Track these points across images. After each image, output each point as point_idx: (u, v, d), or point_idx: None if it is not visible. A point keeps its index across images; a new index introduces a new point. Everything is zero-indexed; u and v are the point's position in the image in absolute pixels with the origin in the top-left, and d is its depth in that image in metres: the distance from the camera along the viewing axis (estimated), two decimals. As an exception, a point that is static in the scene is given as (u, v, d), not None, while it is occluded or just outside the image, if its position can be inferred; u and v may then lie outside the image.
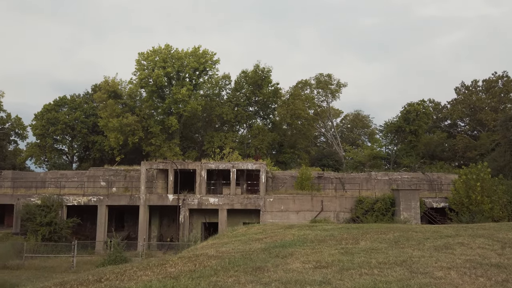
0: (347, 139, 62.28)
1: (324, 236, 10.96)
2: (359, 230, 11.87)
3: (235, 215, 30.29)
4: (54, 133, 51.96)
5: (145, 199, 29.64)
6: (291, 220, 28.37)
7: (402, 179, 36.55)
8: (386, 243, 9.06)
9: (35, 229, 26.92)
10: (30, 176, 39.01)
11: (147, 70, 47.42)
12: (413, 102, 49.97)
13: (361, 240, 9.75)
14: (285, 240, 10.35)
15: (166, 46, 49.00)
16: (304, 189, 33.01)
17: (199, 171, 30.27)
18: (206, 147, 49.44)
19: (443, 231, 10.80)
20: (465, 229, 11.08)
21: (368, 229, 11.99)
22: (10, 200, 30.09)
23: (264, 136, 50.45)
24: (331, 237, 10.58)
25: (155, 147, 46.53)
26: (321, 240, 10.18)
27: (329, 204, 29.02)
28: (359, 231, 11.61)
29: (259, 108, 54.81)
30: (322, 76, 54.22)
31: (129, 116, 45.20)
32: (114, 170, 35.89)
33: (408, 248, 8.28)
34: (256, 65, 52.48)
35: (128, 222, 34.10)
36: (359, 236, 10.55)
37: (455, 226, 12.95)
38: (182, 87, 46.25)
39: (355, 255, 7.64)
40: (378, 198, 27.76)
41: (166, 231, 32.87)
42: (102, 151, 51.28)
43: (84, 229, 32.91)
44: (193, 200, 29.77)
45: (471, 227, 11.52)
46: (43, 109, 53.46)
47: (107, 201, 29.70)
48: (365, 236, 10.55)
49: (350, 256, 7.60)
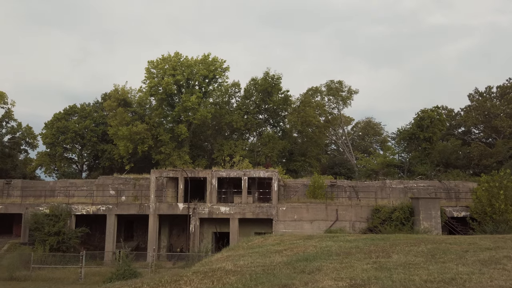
0: (359, 146, 61.18)
1: (348, 248, 10.13)
2: (386, 242, 11.01)
3: (247, 225, 29.44)
4: (64, 142, 51.80)
5: (154, 208, 28.97)
6: (305, 230, 27.41)
7: (418, 187, 35.45)
8: (421, 257, 8.20)
9: (43, 239, 26.34)
10: (40, 185, 38.67)
11: (156, 78, 47.15)
12: (427, 109, 48.86)
13: (392, 253, 8.90)
14: (308, 252, 9.54)
15: (175, 54, 48.77)
16: (317, 197, 32.09)
17: (210, 179, 29.56)
18: (216, 155, 48.80)
19: (479, 242, 9.89)
20: (504, 240, 10.16)
21: (396, 241, 11.12)
22: (19, 209, 29.65)
23: (274, 144, 49.68)
24: (358, 249, 9.74)
25: (165, 156, 46.02)
26: (347, 252, 9.36)
27: (344, 213, 28.03)
28: (386, 243, 10.76)
29: (269, 116, 54.16)
30: (333, 83, 53.47)
31: (138, 124, 44.86)
32: (123, 178, 35.38)
33: (450, 263, 7.42)
34: (265, 72, 52.02)
35: (137, 231, 33.42)
36: (388, 248, 9.70)
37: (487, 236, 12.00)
38: (191, 94, 45.83)
39: (392, 271, 6.80)
40: (396, 207, 26.71)
41: (176, 241, 32.11)
42: (111, 159, 50.93)
43: (93, 239, 32.31)
44: (203, 209, 29.03)
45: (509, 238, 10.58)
46: (53, 118, 53.45)
47: (116, 210, 29.08)
48: (394, 248, 9.70)
49: (387, 272, 6.77)
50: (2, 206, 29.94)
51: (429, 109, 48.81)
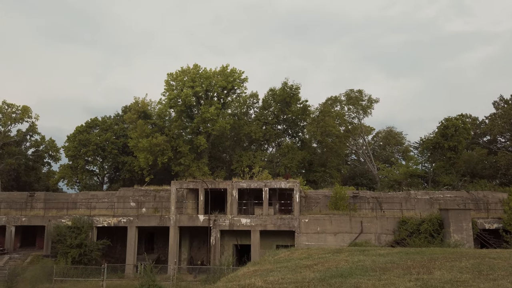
0: (380, 156, 59.90)
1: (383, 263, 9.52)
2: (422, 256, 10.35)
3: (268, 237, 28.85)
4: (85, 154, 52.52)
5: (175, 220, 28.74)
6: (329, 242, 26.64)
7: (444, 198, 34.23)
8: (467, 273, 7.56)
9: (65, 251, 26.38)
10: (62, 197, 39.09)
11: (176, 90, 47.46)
12: (451, 117, 47.50)
13: (433, 269, 8.27)
14: (340, 267, 8.99)
15: (194, 66, 49.12)
16: (339, 209, 31.31)
17: (230, 190, 29.20)
18: (235, 166, 48.53)
19: (528, 257, 9.14)
20: (554, 255, 9.37)
21: (433, 255, 10.44)
22: (42, 221, 29.90)
23: (294, 155, 49.12)
24: (394, 264, 9.13)
25: (184, 167, 46.01)
26: (383, 268, 8.77)
27: (369, 226, 27.14)
28: (423, 257, 10.10)
29: (288, 126, 53.74)
30: (352, 92, 52.74)
31: (158, 136, 45.08)
32: (143, 190, 35.40)
33: (502, 280, 6.78)
34: (284, 82, 51.82)
35: (157, 244, 33.20)
36: (427, 263, 9.06)
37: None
38: (210, 106, 45.91)
39: (440, 290, 6.23)
40: (424, 219, 25.67)
41: (196, 254, 31.72)
42: (132, 171, 51.29)
43: (114, 251, 32.25)
44: (224, 221, 28.62)
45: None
46: (75, 131, 54.39)
47: (137, 222, 28.98)
48: (434, 263, 9.05)
49: (434, 291, 6.20)
50: (25, 218, 30.26)
51: (453, 117, 47.44)
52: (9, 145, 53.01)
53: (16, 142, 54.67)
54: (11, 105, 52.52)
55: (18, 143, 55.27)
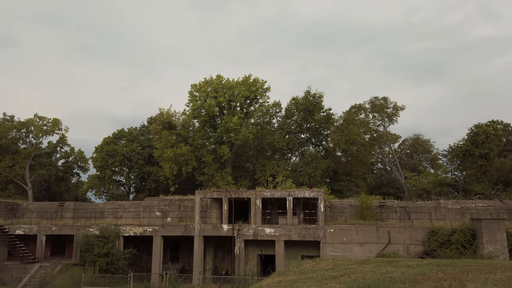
0: (407, 165, 58.39)
1: (413, 274, 9.17)
2: (454, 268, 9.91)
3: (293, 247, 28.49)
4: (112, 165, 53.81)
5: (199, 230, 28.85)
6: (355, 253, 26.02)
7: (476, 207, 32.93)
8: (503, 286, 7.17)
9: (93, 260, 26.90)
10: (90, 207, 40.04)
11: (199, 101, 48.07)
12: (482, 124, 45.90)
13: (466, 282, 7.90)
14: (368, 279, 8.72)
15: (217, 76, 49.70)
16: (365, 219, 30.64)
17: (254, 199, 29.10)
18: (258, 175, 48.46)
19: None
20: None
21: (465, 267, 9.99)
22: (71, 230, 30.66)
23: (318, 164, 48.62)
24: (424, 276, 8.78)
25: (208, 177, 46.33)
26: (413, 280, 8.44)
27: (397, 236, 26.35)
28: (454, 269, 9.67)
29: (311, 135, 53.35)
30: (377, 99, 51.90)
31: (182, 146, 45.68)
32: (168, 200, 35.80)
33: (544, 295, 6.37)
34: (307, 91, 51.61)
35: (182, 253, 33.39)
36: (459, 276, 8.66)
37: None
38: (233, 116, 46.21)
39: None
40: (455, 229, 24.69)
41: (221, 263, 31.67)
42: (157, 181, 52.11)
43: (140, 260, 32.64)
44: (248, 231, 28.50)
45: None
46: (103, 142, 55.90)
47: (162, 231, 29.27)
48: (466, 276, 8.64)
49: (469, 305, 5.89)
50: (55, 227, 31.12)
51: (483, 124, 45.83)
52: (41, 156, 54.96)
53: (47, 154, 56.62)
54: (42, 118, 54.61)
55: (49, 155, 57.23)
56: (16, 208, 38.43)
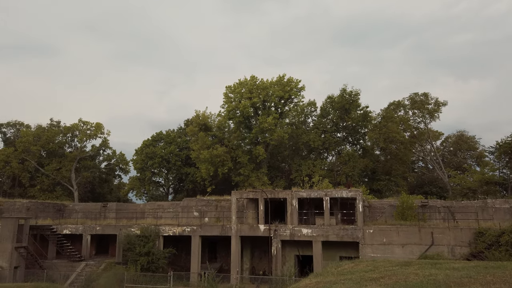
0: (450, 163, 55.82)
1: (458, 277, 8.69)
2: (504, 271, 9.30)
3: (330, 248, 28.01)
4: (152, 167, 55.42)
5: (236, 230, 29.04)
6: (396, 254, 25.17)
7: (528, 207, 30.87)
8: (562, 292, 6.61)
9: (134, 259, 27.78)
10: (131, 207, 41.42)
11: (234, 102, 48.48)
12: (532, 117, 43.04)
13: (518, 286, 7.37)
14: (410, 281, 8.36)
15: (251, 77, 49.89)
16: (406, 219, 29.59)
17: (290, 200, 28.90)
18: (294, 175, 48.14)
19: None
20: None
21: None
22: (114, 230, 31.85)
23: (355, 163, 47.58)
24: (471, 279, 8.29)
25: (244, 177, 46.60)
26: (458, 283, 7.99)
27: (441, 237, 25.22)
28: (504, 272, 9.07)
29: (348, 134, 52.31)
30: (417, 95, 50.01)
31: (218, 148, 46.23)
32: (205, 200, 36.33)
33: None
34: (342, 89, 50.71)
35: (220, 253, 33.77)
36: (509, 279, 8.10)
37: None
38: (268, 116, 46.21)
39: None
40: (505, 230, 23.26)
41: (258, 263, 31.72)
42: (194, 182, 53.09)
43: (179, 259, 33.34)
44: (284, 231, 28.34)
45: None
46: (142, 145, 57.71)
47: (200, 231, 29.74)
48: (519, 279, 8.06)
49: (522, 310, 5.47)
50: (99, 227, 32.44)
51: (534, 118, 42.94)
52: (85, 159, 57.60)
53: (91, 157, 59.26)
54: (86, 122, 57.28)
55: (93, 158, 59.88)
56: (63, 209, 40.48)
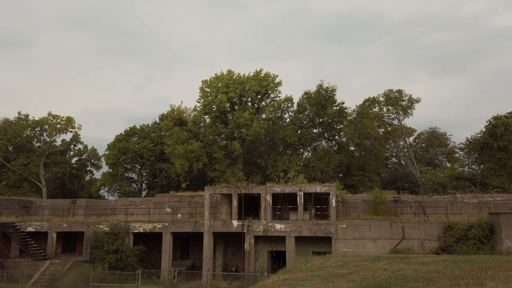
0: (422, 159, 57.02)
1: (427, 272, 8.53)
2: (471, 265, 9.23)
3: (304, 243, 27.91)
4: (124, 162, 53.99)
5: (209, 226, 28.52)
6: (368, 249, 25.30)
7: (495, 201, 31.72)
8: (528, 286, 6.49)
9: (102, 257, 26.84)
10: (102, 204, 40.17)
11: (210, 97, 47.73)
12: (500, 115, 44.35)
13: (485, 280, 7.23)
14: (378, 277, 8.12)
15: (228, 71, 49.24)
16: (379, 214, 29.85)
17: (264, 195, 28.60)
18: (270, 171, 47.93)
19: None
20: None
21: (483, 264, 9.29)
22: (81, 227, 30.71)
23: (330, 158, 47.80)
24: (439, 274, 8.13)
25: (219, 173, 46.04)
26: (427, 278, 7.80)
27: (411, 231, 25.52)
28: (472, 266, 8.99)
29: (324, 130, 52.50)
30: (391, 92, 50.67)
31: (193, 143, 45.45)
32: (179, 196, 35.61)
33: None
34: (319, 85, 50.77)
35: (193, 249, 33.18)
36: (477, 273, 7.99)
37: None
38: (244, 111, 45.74)
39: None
40: (473, 224, 23.74)
41: (231, 260, 31.33)
42: (168, 178, 52.11)
43: (150, 257, 32.55)
44: (258, 227, 28.03)
45: None
46: (115, 140, 56.12)
47: (171, 228, 29.05)
48: (485, 273, 7.97)
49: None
50: (66, 224, 31.21)
51: (503, 116, 44.27)
52: (55, 154, 55.51)
53: (61, 152, 57.16)
54: (56, 116, 55.10)
55: (63, 153, 57.77)
56: (30, 205, 38.80)
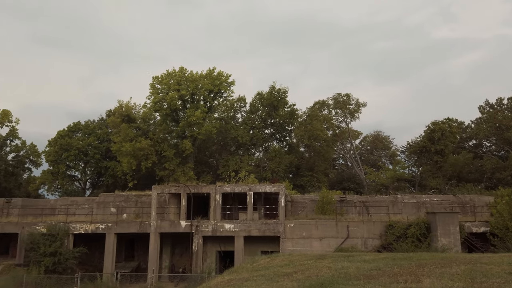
0: (367, 161, 59.64)
1: (368, 270, 8.79)
2: (410, 262, 9.65)
3: (253, 243, 27.98)
4: (67, 159, 51.03)
5: (155, 226, 27.68)
6: (315, 248, 25.89)
7: (431, 201, 33.86)
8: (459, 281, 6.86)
9: (38, 260, 25.06)
10: (40, 203, 37.62)
11: (161, 94, 46.49)
12: (438, 121, 47.49)
13: (422, 276, 7.56)
14: (322, 276, 8.22)
15: (180, 68, 48.24)
16: (325, 213, 30.68)
17: (214, 195, 28.30)
18: (221, 171, 47.62)
19: (522, 263, 8.50)
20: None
21: (421, 261, 9.75)
22: (15, 228, 28.48)
23: (281, 159, 48.45)
24: (379, 272, 8.40)
25: (169, 172, 44.95)
26: (368, 275, 8.02)
27: (355, 230, 26.49)
28: (410, 263, 9.40)
29: (275, 130, 53.13)
30: (340, 96, 52.44)
31: (142, 140, 43.97)
32: (125, 196, 34.25)
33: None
34: (271, 86, 51.27)
35: (138, 251, 32.04)
36: (415, 270, 8.34)
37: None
38: (196, 109, 45.02)
39: (430, 302, 5.49)
40: (411, 223, 25.13)
41: (178, 261, 30.65)
42: (115, 177, 49.98)
43: (92, 259, 30.96)
44: (207, 227, 27.67)
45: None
46: (57, 135, 52.87)
47: (116, 228, 27.83)
48: (422, 270, 8.34)
49: (423, 302, 5.46)
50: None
51: (440, 121, 47.44)
52: (-13, 150, 51.18)
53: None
54: (-11, 109, 50.80)
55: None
56: (-44, 205, 35.38)
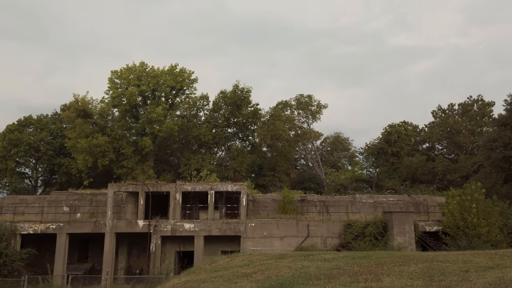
0: (328, 161, 60.86)
1: (329, 269, 8.72)
2: (369, 261, 9.71)
3: (213, 243, 27.55)
4: (16, 155, 47.97)
5: (111, 226, 26.54)
6: (275, 247, 25.88)
7: (387, 201, 34.93)
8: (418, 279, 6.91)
9: (-20, 263, 23.27)
10: (-15, 202, 34.99)
11: (120, 89, 44.85)
12: (395, 124, 49.29)
13: (381, 275, 7.57)
14: (282, 276, 8.04)
15: (141, 63, 46.82)
16: (286, 213, 30.81)
17: (174, 193, 27.57)
18: (182, 169, 46.65)
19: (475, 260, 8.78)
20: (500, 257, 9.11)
21: (380, 259, 9.84)
22: (-46, 229, 26.26)
23: (243, 158, 48.26)
24: (340, 271, 8.35)
25: (127, 170, 43.42)
26: (328, 275, 7.94)
27: (315, 229, 26.77)
28: (369, 262, 9.45)
29: (238, 130, 52.87)
30: (302, 97, 53.09)
31: (99, 137, 42.18)
32: (79, 194, 32.61)
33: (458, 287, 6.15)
34: (235, 85, 50.95)
35: (92, 252, 30.59)
36: (374, 269, 8.37)
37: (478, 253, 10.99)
38: (157, 106, 43.82)
39: (391, 301, 5.44)
40: (369, 222, 25.77)
41: (135, 262, 29.59)
42: (69, 174, 47.57)
43: (42, 260, 29.15)
44: (166, 226, 26.90)
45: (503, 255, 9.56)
46: (6, 130, 49.54)
47: (68, 228, 26.39)
48: (381, 268, 8.39)
49: (384, 302, 5.39)
50: None
51: (396, 124, 49.25)
52: None
53: None
54: None
55: None
56: None
